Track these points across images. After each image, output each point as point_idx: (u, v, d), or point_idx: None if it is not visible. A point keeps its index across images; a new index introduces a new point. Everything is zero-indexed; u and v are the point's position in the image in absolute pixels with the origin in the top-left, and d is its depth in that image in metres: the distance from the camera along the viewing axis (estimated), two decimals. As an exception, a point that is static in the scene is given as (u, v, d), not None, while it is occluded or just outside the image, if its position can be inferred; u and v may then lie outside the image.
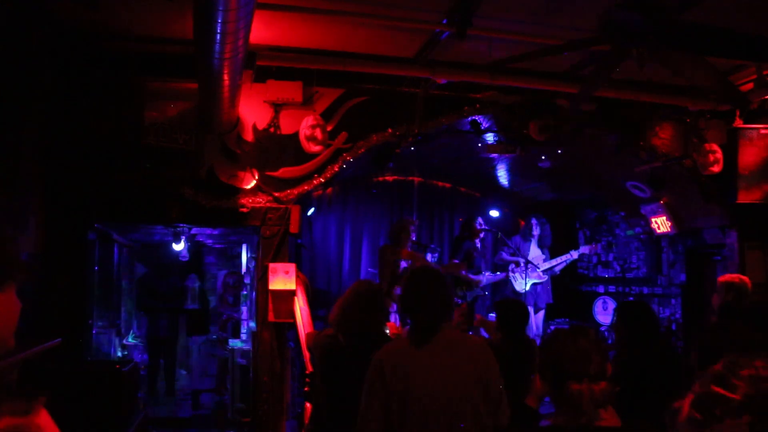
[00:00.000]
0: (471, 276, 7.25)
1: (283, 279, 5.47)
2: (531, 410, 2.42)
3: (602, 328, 8.59)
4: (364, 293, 3.56)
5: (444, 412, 2.54)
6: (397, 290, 6.73)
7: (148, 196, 5.37)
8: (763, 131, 6.17)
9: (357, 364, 3.23)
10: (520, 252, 7.78)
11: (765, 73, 5.52)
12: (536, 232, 8.01)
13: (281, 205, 5.63)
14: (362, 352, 3.24)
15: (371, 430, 2.62)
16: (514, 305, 4.38)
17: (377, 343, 3.01)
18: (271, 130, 5.65)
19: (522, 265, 7.70)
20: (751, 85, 5.78)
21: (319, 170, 5.71)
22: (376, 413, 2.61)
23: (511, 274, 7.88)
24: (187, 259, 7.82)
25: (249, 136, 5.59)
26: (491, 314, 7.17)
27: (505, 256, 8.03)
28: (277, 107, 5.64)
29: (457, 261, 7.34)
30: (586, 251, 8.19)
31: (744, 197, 6.18)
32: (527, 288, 7.70)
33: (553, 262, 7.94)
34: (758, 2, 4.30)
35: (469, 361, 2.64)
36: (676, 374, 3.42)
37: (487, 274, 7.74)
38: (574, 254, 8.00)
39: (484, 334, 5.38)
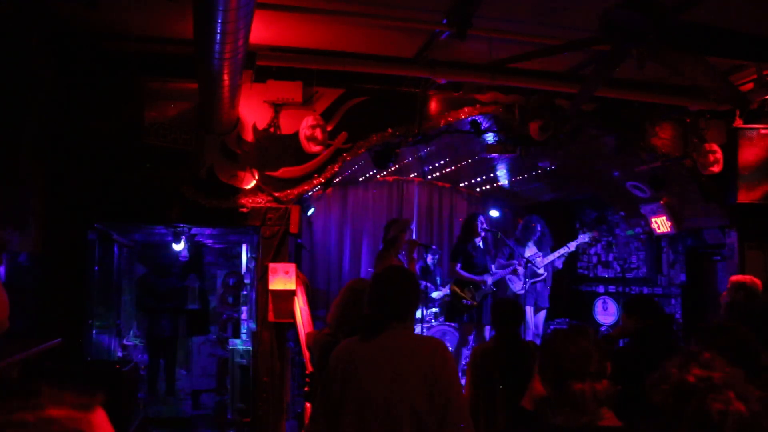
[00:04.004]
0: (474, 277, 7.25)
1: (283, 279, 5.47)
2: (527, 412, 2.41)
3: (602, 328, 8.59)
4: (359, 290, 3.55)
5: (379, 409, 2.47)
6: None
7: (148, 196, 5.37)
8: (763, 131, 6.16)
9: None
10: (515, 254, 7.76)
11: (765, 73, 5.52)
12: (536, 236, 7.99)
13: (281, 205, 5.63)
14: None
15: (319, 425, 2.62)
16: (508, 305, 4.37)
17: None
18: (271, 130, 5.65)
19: (521, 267, 7.69)
20: (751, 85, 5.78)
21: (319, 170, 5.71)
22: (322, 410, 2.62)
23: (507, 276, 7.85)
24: (187, 259, 7.81)
25: (249, 136, 5.59)
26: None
27: (500, 261, 8.00)
28: (277, 107, 5.64)
29: (458, 266, 7.33)
30: (587, 239, 8.09)
31: (744, 197, 6.17)
32: (527, 287, 7.68)
33: (551, 256, 7.91)
34: (758, 2, 4.30)
35: (411, 361, 2.50)
36: None
37: (492, 267, 7.70)
38: (572, 246, 7.93)
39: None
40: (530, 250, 7.94)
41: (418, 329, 7.37)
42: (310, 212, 8.55)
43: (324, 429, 2.59)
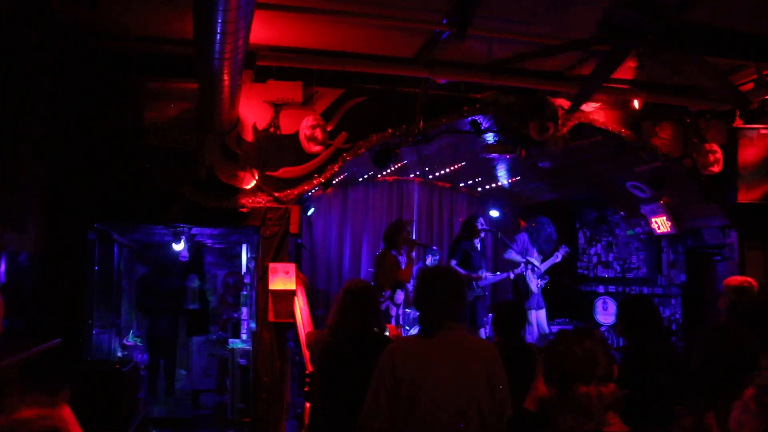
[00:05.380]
0: (472, 274, 7.25)
1: (283, 279, 5.47)
2: (530, 414, 2.41)
3: (602, 328, 8.59)
4: (356, 292, 3.57)
5: (450, 405, 2.58)
6: (399, 295, 6.73)
7: (148, 196, 5.37)
8: (763, 131, 6.16)
9: (354, 362, 3.24)
10: (528, 252, 7.82)
11: (765, 73, 5.52)
12: (543, 238, 8.06)
13: (281, 205, 5.63)
14: (359, 351, 3.24)
15: (377, 421, 2.63)
16: (509, 307, 4.37)
17: (375, 342, 3.01)
18: (271, 130, 5.64)
19: (526, 265, 7.73)
20: (751, 85, 5.77)
21: (319, 170, 5.71)
22: (383, 404, 2.63)
23: (527, 274, 7.91)
24: (187, 259, 7.82)
25: (249, 136, 5.59)
26: (489, 314, 7.19)
27: (514, 255, 8.04)
28: (277, 107, 5.64)
29: (454, 262, 7.33)
30: (558, 259, 8.22)
31: (744, 197, 6.17)
32: (540, 286, 7.78)
33: (547, 263, 7.99)
34: (758, 2, 4.30)
35: (477, 359, 2.68)
36: (678, 375, 3.39)
37: (487, 274, 7.74)
38: (558, 256, 8.08)
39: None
40: (534, 253, 8.00)
41: (415, 330, 7.38)
42: (310, 212, 8.55)
43: (386, 424, 2.62)
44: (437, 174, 9.20)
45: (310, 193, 6.02)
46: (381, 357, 2.73)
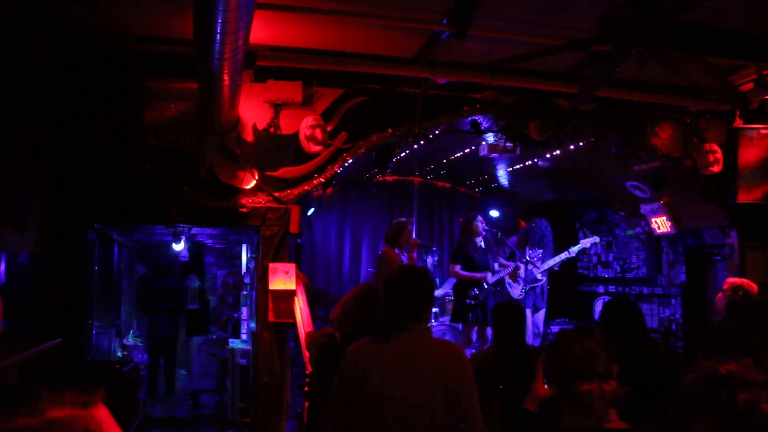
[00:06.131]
0: (475, 275, 7.25)
1: (283, 279, 5.47)
2: (531, 414, 2.40)
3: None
4: (367, 294, 3.58)
5: (395, 408, 2.51)
6: None
7: (148, 196, 5.37)
8: (763, 131, 6.15)
9: None
10: (516, 255, 7.78)
11: (765, 73, 5.52)
12: (537, 238, 8.02)
13: (281, 205, 5.63)
14: None
15: (334, 421, 2.64)
16: (510, 309, 4.36)
17: None
18: (271, 130, 5.64)
19: (521, 267, 7.71)
20: (751, 85, 5.77)
21: (319, 170, 5.71)
22: (338, 405, 2.64)
23: (506, 280, 7.86)
24: (187, 259, 7.82)
25: (249, 136, 5.59)
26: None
27: (501, 260, 8.03)
28: (277, 107, 5.64)
29: (458, 267, 7.33)
30: (587, 245, 8.14)
31: (744, 197, 6.16)
32: (525, 292, 7.71)
33: (551, 262, 7.95)
34: (758, 2, 4.30)
35: (432, 365, 2.57)
36: (665, 375, 3.39)
37: (496, 265, 7.71)
38: (573, 251, 7.99)
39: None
40: (531, 254, 7.97)
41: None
42: (310, 212, 8.56)
43: (341, 427, 2.61)
44: (437, 174, 9.20)
45: (310, 193, 6.02)
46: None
